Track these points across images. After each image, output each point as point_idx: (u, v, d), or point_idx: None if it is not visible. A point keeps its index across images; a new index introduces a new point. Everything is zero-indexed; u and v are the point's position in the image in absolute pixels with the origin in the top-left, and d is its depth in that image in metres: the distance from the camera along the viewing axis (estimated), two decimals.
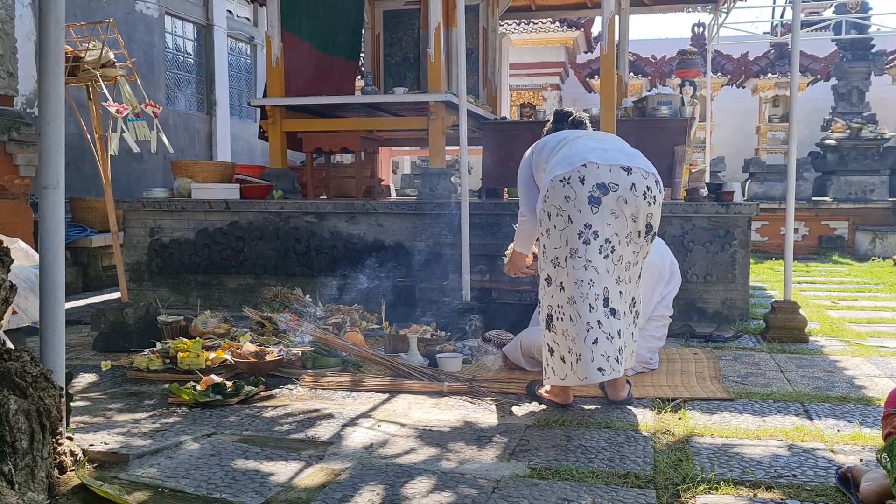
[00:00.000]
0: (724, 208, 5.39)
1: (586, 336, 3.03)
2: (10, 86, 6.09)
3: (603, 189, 3.02)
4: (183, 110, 11.00)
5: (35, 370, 2.30)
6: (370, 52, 8.20)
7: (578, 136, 3.33)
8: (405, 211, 5.92)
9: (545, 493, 2.35)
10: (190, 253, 6.21)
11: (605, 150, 3.17)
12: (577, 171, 3.05)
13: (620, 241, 3.08)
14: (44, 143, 2.56)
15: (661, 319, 4.04)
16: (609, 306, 3.06)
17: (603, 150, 3.15)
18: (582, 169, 3.05)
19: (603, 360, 3.04)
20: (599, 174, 3.04)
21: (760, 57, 14.40)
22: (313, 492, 2.38)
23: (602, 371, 3.05)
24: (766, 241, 11.62)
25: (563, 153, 3.19)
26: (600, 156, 3.10)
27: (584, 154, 3.11)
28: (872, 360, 4.30)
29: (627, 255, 3.12)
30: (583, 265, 3.04)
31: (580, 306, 3.04)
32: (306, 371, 3.92)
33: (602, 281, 3.05)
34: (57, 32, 2.55)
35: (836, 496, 2.34)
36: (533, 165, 3.38)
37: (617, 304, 3.09)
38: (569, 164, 3.09)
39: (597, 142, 3.26)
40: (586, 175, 3.04)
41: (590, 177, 3.03)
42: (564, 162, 3.12)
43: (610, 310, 3.06)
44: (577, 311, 3.05)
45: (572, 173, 3.06)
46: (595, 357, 3.03)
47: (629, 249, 3.12)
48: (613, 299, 3.08)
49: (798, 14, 4.89)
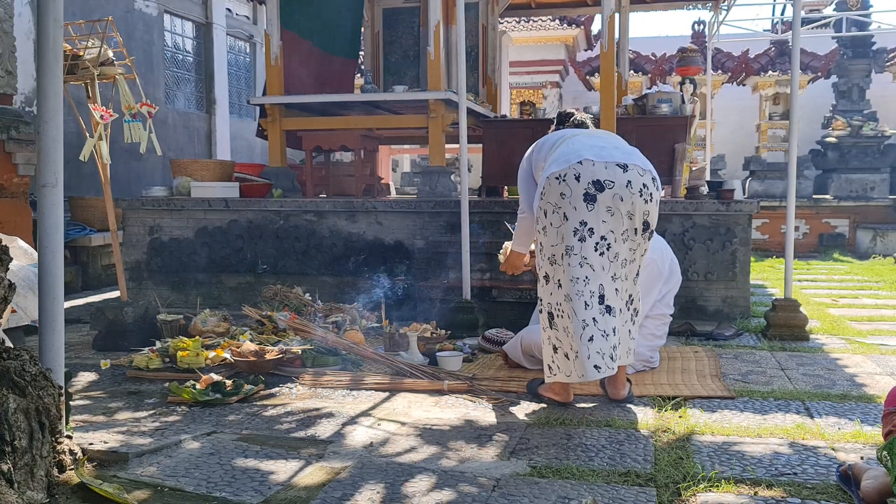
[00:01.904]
0: (725, 206, 5.38)
1: (582, 333, 3.04)
2: (8, 84, 6.08)
3: (598, 186, 3.02)
4: (182, 109, 10.99)
5: (34, 369, 2.29)
6: (370, 50, 8.18)
7: (576, 133, 3.32)
8: (405, 209, 5.91)
9: (546, 492, 2.35)
10: (189, 252, 6.21)
11: (602, 147, 3.16)
12: (572, 169, 3.05)
13: (616, 238, 3.07)
14: (42, 142, 2.55)
15: (662, 318, 4.03)
16: (605, 303, 3.07)
17: (599, 148, 3.15)
18: (577, 166, 3.05)
19: (599, 357, 3.04)
20: (595, 171, 3.04)
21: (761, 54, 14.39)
22: (313, 490, 2.37)
23: (598, 368, 3.04)
24: (767, 239, 11.61)
25: (560, 151, 3.19)
26: (596, 153, 3.10)
27: (580, 151, 3.11)
28: (873, 358, 4.29)
29: (624, 253, 3.12)
30: (578, 262, 3.04)
31: (576, 303, 3.05)
32: (306, 370, 3.92)
33: (598, 278, 3.05)
34: (55, 30, 2.55)
35: (837, 494, 2.34)
36: (532, 163, 3.38)
37: (613, 301, 3.09)
38: (565, 161, 3.09)
39: (593, 139, 3.25)
40: (582, 172, 3.04)
41: (585, 174, 3.03)
42: (561, 159, 3.12)
43: (605, 307, 3.07)
44: (573, 308, 3.05)
45: (568, 170, 3.05)
46: (591, 354, 3.03)
47: (625, 247, 3.11)
48: (609, 296, 3.08)
49: (798, 11, 4.88)
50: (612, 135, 3.46)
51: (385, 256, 5.87)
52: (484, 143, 6.77)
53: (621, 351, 3.18)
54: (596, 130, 3.53)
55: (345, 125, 6.92)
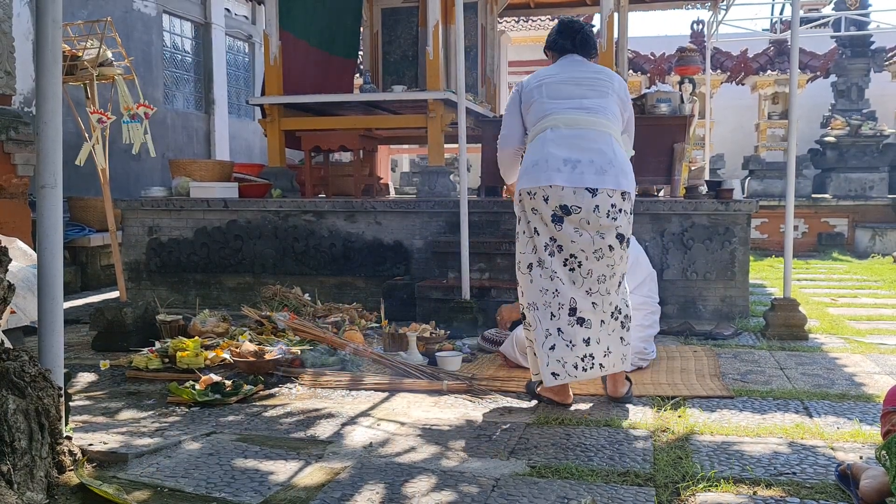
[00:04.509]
0: (724, 206, 5.38)
1: (544, 342, 3.16)
2: (7, 85, 6.08)
3: (565, 210, 3.08)
4: (181, 109, 10.99)
5: (33, 370, 2.29)
6: (368, 50, 8.18)
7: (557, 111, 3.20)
8: (404, 209, 5.91)
9: (545, 492, 2.35)
10: (188, 252, 6.20)
11: (575, 163, 3.09)
12: (542, 190, 3.11)
13: (588, 256, 3.11)
14: (41, 143, 2.55)
15: (645, 307, 4.03)
16: (577, 315, 3.12)
17: (572, 166, 3.09)
18: (547, 189, 3.10)
19: (558, 365, 3.13)
20: (563, 196, 3.07)
21: (760, 54, 14.39)
22: (313, 491, 2.37)
23: (555, 376, 3.15)
24: (766, 238, 11.62)
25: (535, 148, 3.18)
26: (566, 176, 3.08)
27: (550, 172, 3.10)
28: (872, 358, 4.30)
29: (600, 269, 3.14)
30: (549, 275, 3.14)
31: (541, 313, 3.15)
32: (305, 370, 3.92)
33: (569, 292, 3.12)
34: (54, 31, 2.54)
35: (835, 493, 2.34)
36: (523, 98, 3.35)
37: (589, 314, 3.14)
38: (534, 179, 3.13)
39: (568, 147, 3.13)
40: (550, 195, 3.10)
41: (553, 197, 3.09)
42: (533, 171, 3.14)
43: (577, 318, 3.12)
44: (539, 317, 3.16)
45: (538, 191, 3.12)
46: (550, 362, 3.14)
47: (601, 264, 3.13)
48: (583, 309, 3.12)
49: (797, 11, 4.88)
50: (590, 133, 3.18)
51: (384, 256, 5.87)
52: (483, 142, 6.77)
53: (614, 359, 3.23)
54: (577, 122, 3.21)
55: (344, 125, 6.92)
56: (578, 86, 3.28)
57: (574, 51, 3.39)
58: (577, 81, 3.30)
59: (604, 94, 3.27)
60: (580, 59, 3.39)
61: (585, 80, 3.30)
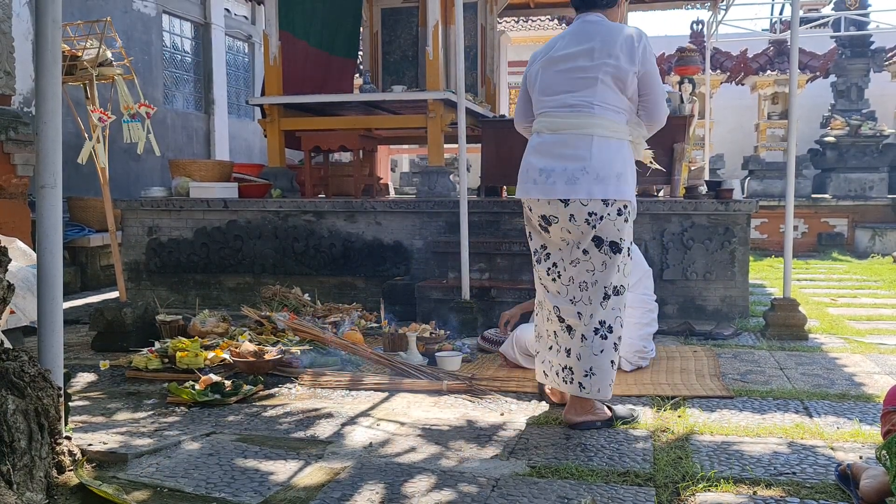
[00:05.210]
0: (724, 206, 5.38)
1: (539, 340, 3.26)
2: (7, 85, 6.08)
3: (546, 220, 3.10)
4: (181, 109, 10.99)
5: (33, 370, 2.29)
6: (368, 51, 8.18)
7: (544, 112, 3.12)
8: (404, 209, 5.91)
9: (545, 492, 2.35)
10: (188, 252, 6.20)
11: (549, 173, 3.01)
12: (526, 201, 3.16)
13: (566, 266, 3.08)
14: (41, 143, 2.55)
15: (642, 305, 4.03)
16: (565, 322, 3.09)
17: (546, 175, 3.02)
18: (528, 200, 3.15)
19: (547, 366, 3.19)
20: (541, 207, 3.09)
21: (760, 54, 14.39)
22: (313, 491, 2.37)
23: (545, 374, 3.22)
24: (766, 238, 11.62)
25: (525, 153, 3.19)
26: (541, 188, 3.05)
27: (527, 185, 3.10)
28: (872, 358, 4.30)
29: (581, 276, 3.04)
30: (539, 279, 3.22)
31: (541, 312, 3.24)
32: (305, 370, 3.92)
33: (552, 300, 3.14)
34: (54, 31, 2.54)
35: (835, 493, 2.34)
36: (528, 80, 3.27)
37: (574, 323, 3.05)
38: (521, 189, 3.17)
39: (546, 156, 3.05)
40: (532, 207, 3.14)
41: (535, 209, 3.13)
42: (519, 181, 3.18)
43: (566, 326, 3.08)
44: (539, 315, 3.26)
45: (524, 200, 3.18)
46: (544, 360, 3.22)
47: (579, 269, 3.04)
48: (568, 317, 3.07)
49: (797, 11, 4.88)
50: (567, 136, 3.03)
51: (384, 256, 5.87)
52: (483, 142, 6.76)
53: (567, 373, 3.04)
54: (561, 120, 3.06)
55: (344, 125, 6.92)
56: (569, 73, 3.04)
57: (584, 8, 3.12)
58: (570, 65, 3.04)
59: (593, 79, 2.97)
60: (591, 20, 3.08)
61: (580, 56, 3.01)
